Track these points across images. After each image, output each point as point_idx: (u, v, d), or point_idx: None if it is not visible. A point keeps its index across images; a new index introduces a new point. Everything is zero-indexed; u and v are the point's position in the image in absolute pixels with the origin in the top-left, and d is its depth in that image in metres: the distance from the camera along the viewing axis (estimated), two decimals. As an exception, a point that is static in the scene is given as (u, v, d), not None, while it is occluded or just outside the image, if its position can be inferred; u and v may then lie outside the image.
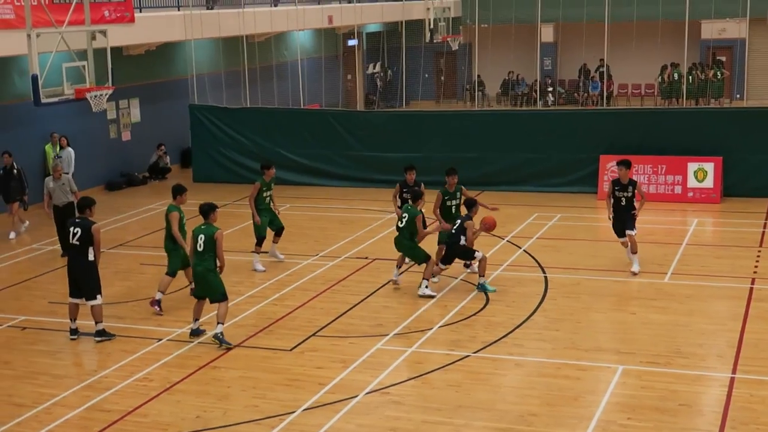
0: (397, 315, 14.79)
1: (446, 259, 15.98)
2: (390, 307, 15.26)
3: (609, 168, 23.31)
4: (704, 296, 15.56)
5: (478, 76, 38.79)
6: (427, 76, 42.94)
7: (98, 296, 13.82)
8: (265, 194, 17.51)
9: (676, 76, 35.82)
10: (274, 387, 12.08)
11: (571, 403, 11.39)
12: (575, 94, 40.48)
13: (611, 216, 16.79)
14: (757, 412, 11.03)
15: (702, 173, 22.87)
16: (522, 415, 11.11)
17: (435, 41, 35.27)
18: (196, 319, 13.90)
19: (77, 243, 13.61)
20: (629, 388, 11.82)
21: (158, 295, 15.18)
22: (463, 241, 15.60)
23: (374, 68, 42.86)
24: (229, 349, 13.37)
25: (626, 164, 16.68)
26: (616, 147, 23.34)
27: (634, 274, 16.44)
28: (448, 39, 35.74)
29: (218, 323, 13.52)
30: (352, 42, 38.97)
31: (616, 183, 16.86)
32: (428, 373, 12.43)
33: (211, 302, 13.66)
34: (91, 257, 13.64)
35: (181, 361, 13.02)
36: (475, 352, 13.10)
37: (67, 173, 21.08)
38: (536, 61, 32.30)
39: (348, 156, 25.93)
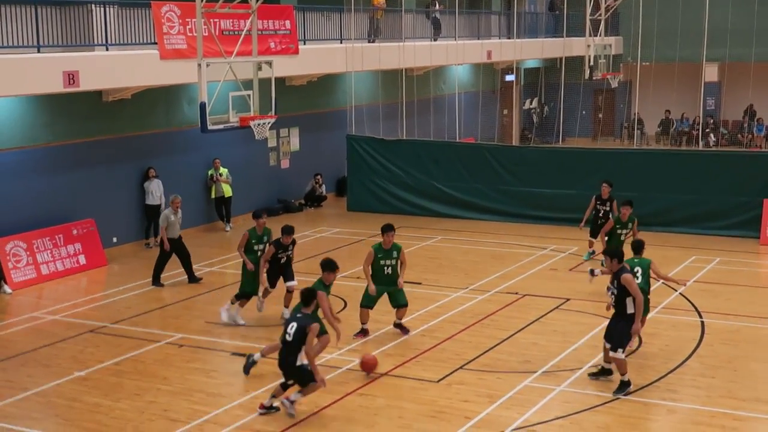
0: (546, 352, 14.59)
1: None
2: (539, 344, 15.07)
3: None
4: None
5: (637, 113, 38.12)
6: (584, 113, 42.45)
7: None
8: (255, 247, 16.30)
9: None
10: (420, 417, 12.09)
11: (721, 454, 10.99)
12: (739, 135, 39.24)
13: None
14: None
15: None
16: (672, 463, 10.78)
17: (594, 78, 34.85)
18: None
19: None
20: (789, 443, 11.32)
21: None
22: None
23: (531, 104, 42.67)
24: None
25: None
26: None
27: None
28: (608, 76, 35.27)
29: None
30: (509, 77, 38.92)
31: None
32: (577, 413, 12.21)
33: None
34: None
35: (330, 386, 13.16)
36: (625, 395, 12.79)
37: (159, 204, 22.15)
38: (699, 101, 31.46)
39: (501, 190, 25.85)
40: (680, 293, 17.96)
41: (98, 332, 15.93)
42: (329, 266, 13.54)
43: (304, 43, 25.35)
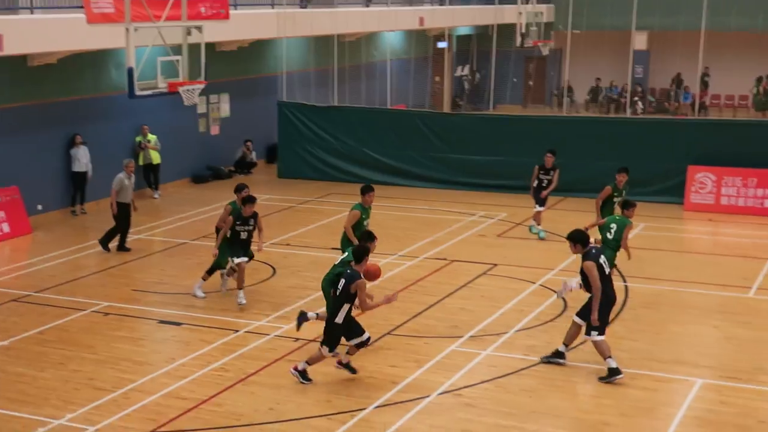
0: (474, 317, 14.75)
1: None
2: (466, 309, 15.22)
3: (698, 178, 22.92)
4: (790, 312, 15.19)
5: (568, 81, 38.45)
6: (515, 80, 42.70)
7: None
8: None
9: (772, 88, 35.00)
10: (348, 383, 12.15)
11: (647, 415, 11.23)
12: (666, 103, 39.83)
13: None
14: (840, 433, 10.74)
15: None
16: (595, 425, 10.99)
17: (525, 46, 35.03)
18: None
19: None
20: (707, 403, 11.60)
21: None
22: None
23: (462, 71, 42.77)
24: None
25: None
26: (705, 158, 22.92)
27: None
28: (539, 44, 35.49)
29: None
30: (441, 44, 38.94)
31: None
32: (502, 377, 12.37)
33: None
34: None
35: (258, 353, 13.19)
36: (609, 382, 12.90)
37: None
38: (628, 69, 31.83)
39: (432, 157, 25.93)
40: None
41: (22, 301, 15.68)
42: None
43: (235, 8, 25.05)
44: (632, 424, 10.98)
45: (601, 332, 12.22)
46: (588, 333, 12.30)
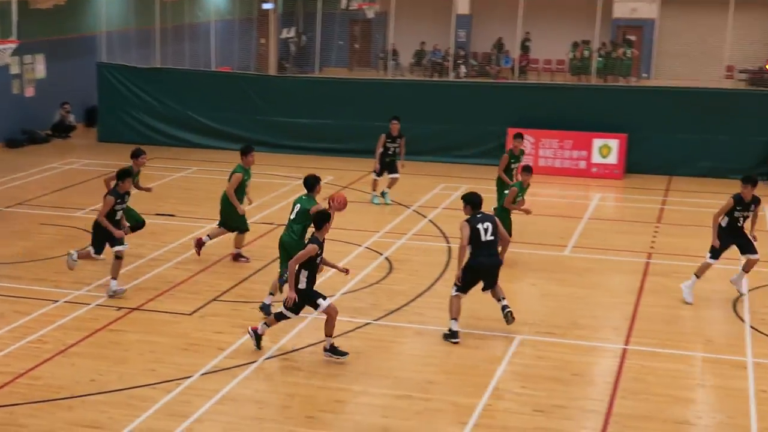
0: (301, 281, 14.75)
1: None
2: (293, 273, 15.21)
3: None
4: (603, 270, 15.90)
5: (393, 45, 38.74)
6: (341, 43, 42.68)
7: None
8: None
9: (586, 53, 36.25)
10: (173, 351, 11.97)
11: (469, 372, 11.55)
12: (487, 67, 40.71)
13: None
14: (647, 382, 11.34)
15: (606, 149, 23.30)
16: (420, 383, 11.23)
17: (351, 8, 35.08)
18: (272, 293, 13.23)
19: None
20: (525, 358, 12.04)
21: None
22: None
23: (288, 33, 42.43)
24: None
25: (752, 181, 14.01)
26: (524, 121, 23.59)
27: None
28: (364, 7, 35.58)
29: (271, 293, 13.24)
30: (267, 5, 38.51)
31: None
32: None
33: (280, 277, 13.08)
34: None
35: (78, 323, 12.81)
36: (376, 320, 13.18)
37: None
38: (451, 33, 32.35)
39: (258, 120, 25.73)
40: (429, 220, 18.63)
41: None
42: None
43: (48, -36, 24.01)
44: (455, 381, 11.28)
45: (459, 290, 12.49)
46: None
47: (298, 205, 12.94)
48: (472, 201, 12.67)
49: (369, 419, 10.36)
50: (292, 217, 12.97)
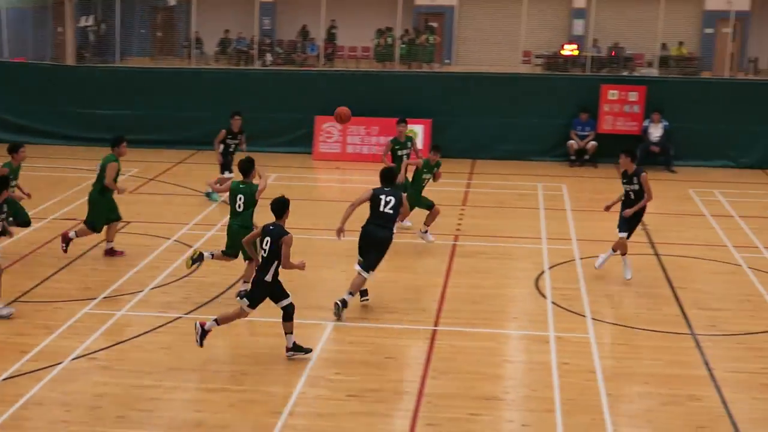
0: (106, 278, 14.36)
1: None
2: (98, 269, 14.80)
3: (325, 128, 23.69)
4: (411, 253, 16.20)
5: (196, 33, 38.13)
6: (143, 31, 41.63)
7: None
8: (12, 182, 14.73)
9: (390, 40, 36.77)
10: (-30, 357, 11.41)
11: (282, 361, 11.53)
12: (293, 55, 40.67)
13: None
14: (457, 361, 11.65)
15: (412, 135, 23.68)
16: (233, 375, 11.14)
17: (152, -5, 34.30)
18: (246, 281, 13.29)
19: None
20: (338, 344, 12.14)
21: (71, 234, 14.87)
22: None
23: (87, 21, 41.00)
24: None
25: None
26: (331, 108, 23.61)
27: None
28: (165, -6, 34.83)
29: (244, 281, 13.40)
30: (62, -8, 37.08)
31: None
32: (138, 336, 12.18)
33: (244, 259, 13.45)
34: None
35: None
36: (187, 314, 12.98)
37: None
38: (255, 21, 32.14)
39: (57, 113, 24.80)
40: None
41: None
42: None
43: None
44: (267, 371, 11.24)
45: (363, 269, 13.03)
46: None
47: (241, 195, 13.27)
48: (382, 174, 13.54)
49: (182, 415, 10.19)
50: (238, 207, 13.27)
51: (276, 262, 11.43)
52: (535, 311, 13.51)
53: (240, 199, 13.29)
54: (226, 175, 18.97)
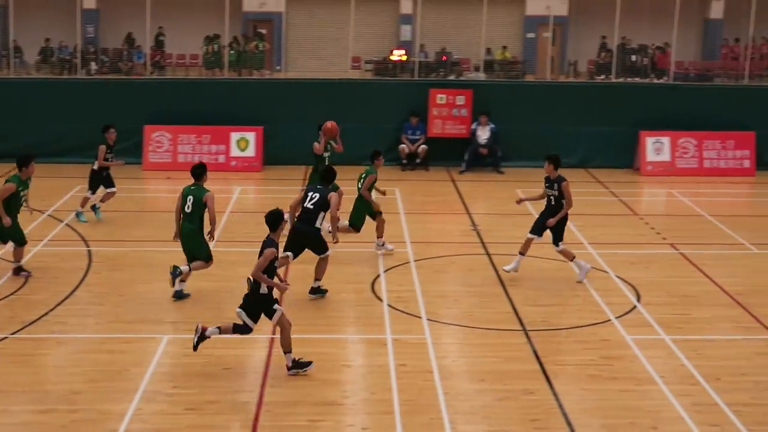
0: (-75, 300, 13.63)
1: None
2: None
3: (154, 137, 23.23)
4: (248, 262, 15.90)
5: (14, 41, 36.73)
6: (-43, 40, 39.83)
7: None
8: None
9: (218, 47, 36.36)
10: None
11: (116, 377, 11.23)
12: (119, 63, 39.70)
13: None
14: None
15: (244, 142, 23.58)
16: (65, 395, 10.76)
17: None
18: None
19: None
20: (175, 357, 11.91)
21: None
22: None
23: None
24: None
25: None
26: (161, 117, 23.30)
27: None
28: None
29: (181, 281, 13.88)
30: None
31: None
32: (-39, 359, 11.61)
33: (194, 260, 13.88)
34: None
35: None
36: (13, 333, 12.46)
37: None
38: (77, 28, 31.19)
39: None
40: (66, 224, 17.91)
41: None
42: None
43: None
44: (102, 389, 10.91)
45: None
46: None
47: (191, 197, 13.65)
48: (321, 175, 14.44)
49: (11, 440, 9.78)
50: (187, 209, 13.66)
51: (266, 275, 11.29)
52: (372, 315, 13.63)
53: (189, 200, 13.65)
54: (110, 190, 18.37)
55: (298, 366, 11.47)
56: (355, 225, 16.32)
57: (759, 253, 17.18)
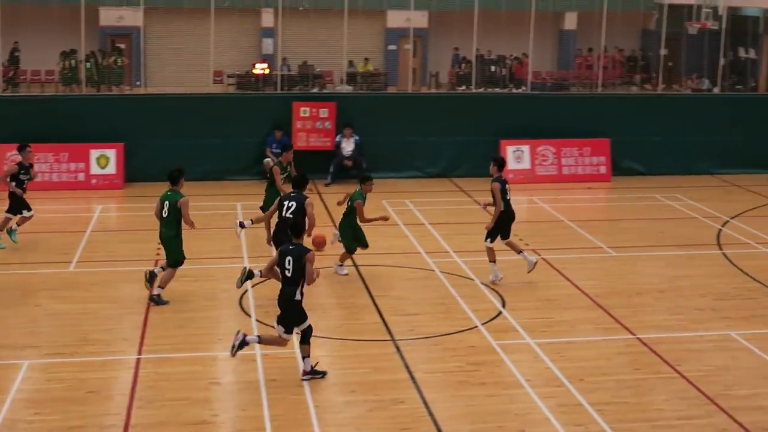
0: None
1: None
2: None
3: (9, 157, 22.48)
4: (111, 281, 15.70)
5: None
6: None
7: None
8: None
9: (74, 62, 35.50)
10: None
11: (-27, 407, 10.81)
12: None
13: None
14: (162, 388, 11.41)
15: (104, 160, 23.03)
16: None
17: None
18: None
19: None
20: (35, 383, 11.54)
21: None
22: None
23: None
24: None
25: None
26: (15, 136, 22.52)
27: None
28: None
29: (158, 287, 14.18)
30: None
31: None
32: None
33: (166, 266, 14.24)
34: None
35: None
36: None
37: None
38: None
39: None
40: None
41: None
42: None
43: None
44: (-41, 420, 10.49)
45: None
46: None
47: (167, 202, 14.00)
48: (293, 180, 14.78)
49: None
50: (164, 214, 14.01)
51: (301, 280, 11.41)
52: (241, 330, 13.46)
53: (166, 205, 14.01)
54: (26, 214, 17.48)
55: (314, 373, 11.71)
56: (353, 250, 16.08)
57: (616, 256, 17.77)
